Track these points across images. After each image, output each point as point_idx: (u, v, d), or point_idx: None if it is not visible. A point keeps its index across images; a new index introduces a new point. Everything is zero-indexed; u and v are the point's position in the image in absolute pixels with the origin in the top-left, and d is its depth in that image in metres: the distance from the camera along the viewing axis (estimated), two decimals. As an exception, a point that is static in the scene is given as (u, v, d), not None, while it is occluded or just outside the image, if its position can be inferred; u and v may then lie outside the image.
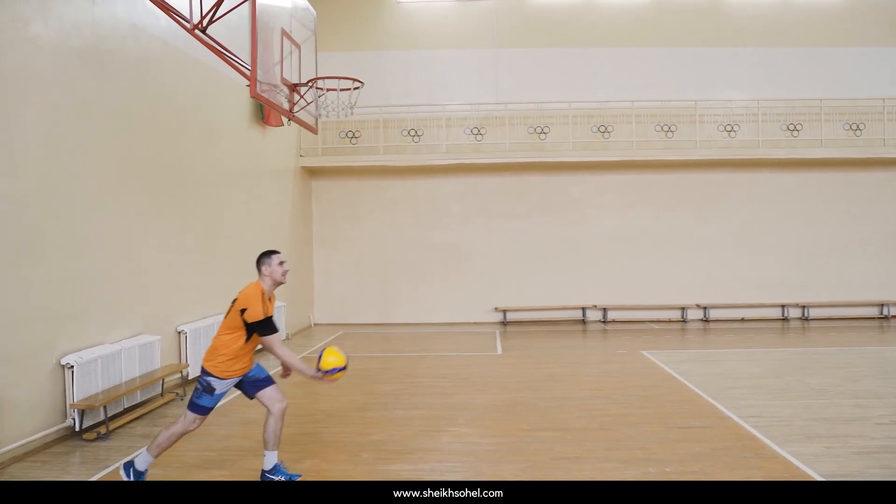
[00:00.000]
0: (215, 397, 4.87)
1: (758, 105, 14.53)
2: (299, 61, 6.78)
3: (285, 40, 6.53)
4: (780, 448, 5.77)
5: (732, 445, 5.90)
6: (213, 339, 4.92)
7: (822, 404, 7.31)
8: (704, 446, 5.89)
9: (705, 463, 5.44)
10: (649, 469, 5.32)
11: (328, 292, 15.35)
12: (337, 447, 6.12)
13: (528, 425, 6.74)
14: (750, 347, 11.46)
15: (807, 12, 15.28)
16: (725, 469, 5.29)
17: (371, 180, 15.24)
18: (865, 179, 14.96)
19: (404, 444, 6.16)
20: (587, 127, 14.78)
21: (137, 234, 7.98)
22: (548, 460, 5.62)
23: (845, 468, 5.24)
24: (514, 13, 15.27)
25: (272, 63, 6.04)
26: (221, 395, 4.92)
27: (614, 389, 8.28)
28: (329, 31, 15.33)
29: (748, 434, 6.23)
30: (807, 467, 5.27)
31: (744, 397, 7.69)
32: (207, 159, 10.00)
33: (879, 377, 8.70)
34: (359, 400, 8.06)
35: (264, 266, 4.90)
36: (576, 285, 15.08)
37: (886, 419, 6.68)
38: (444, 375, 9.50)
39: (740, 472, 5.22)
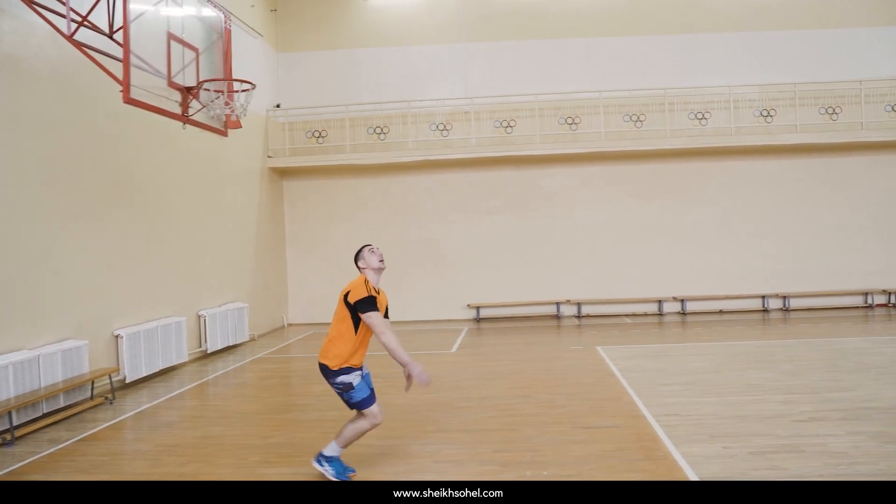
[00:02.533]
0: (360, 386, 4.85)
1: (729, 91, 14.12)
2: (197, 65, 6.74)
3: (178, 45, 6.51)
4: (675, 449, 5.59)
5: (628, 447, 5.72)
6: (327, 335, 4.96)
7: (748, 401, 7.07)
8: (598, 448, 5.72)
9: (590, 466, 5.29)
10: (526, 472, 5.18)
11: (302, 292, 15.39)
12: (229, 450, 6.10)
13: (433, 426, 6.65)
14: (710, 341, 11.16)
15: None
16: (606, 472, 5.13)
17: (342, 179, 15.22)
18: (845, 164, 14.46)
19: (295, 448, 6.11)
20: (555, 119, 14.53)
21: (66, 239, 8.05)
22: (431, 463, 5.53)
23: (730, 469, 5.06)
24: (482, 6, 15.07)
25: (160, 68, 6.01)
26: (363, 380, 4.89)
27: (543, 388, 8.12)
28: (298, 32, 15.36)
29: (651, 434, 6.04)
30: (690, 469, 5.09)
31: (672, 395, 7.48)
32: (152, 164, 10.05)
33: (825, 370, 8.39)
34: (283, 402, 8.05)
35: (360, 262, 5.04)
36: (551, 280, 14.87)
37: (805, 416, 6.44)
38: (383, 376, 9.36)
39: (621, 475, 5.06)
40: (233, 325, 12.07)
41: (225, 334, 11.79)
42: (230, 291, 12.51)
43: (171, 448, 6.27)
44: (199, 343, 11.22)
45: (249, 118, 13.89)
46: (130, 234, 9.42)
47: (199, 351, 11.19)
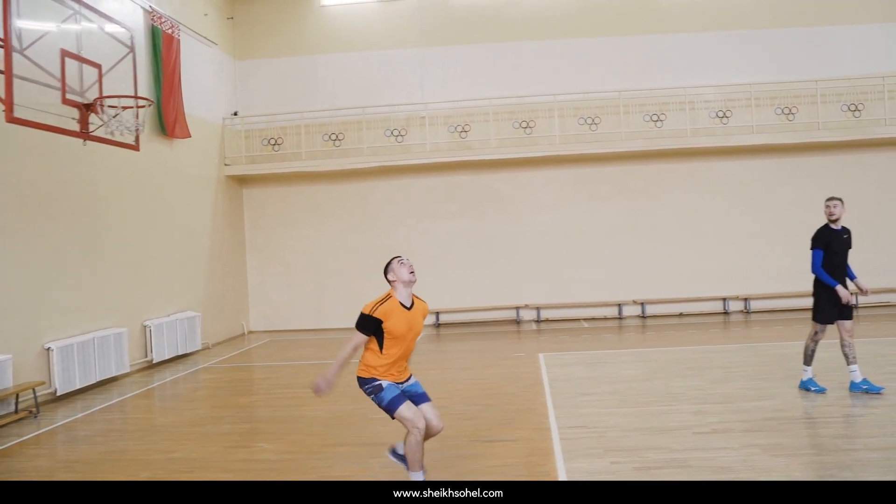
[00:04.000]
0: (390, 387, 4.69)
1: (685, 93, 14.02)
2: (100, 80, 6.74)
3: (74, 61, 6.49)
4: (563, 464, 5.52)
5: (515, 463, 5.66)
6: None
7: (660, 412, 7.00)
8: (484, 464, 5.66)
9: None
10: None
11: (262, 299, 15.39)
12: (124, 466, 6.07)
13: (333, 440, 6.62)
14: (652, 347, 11.09)
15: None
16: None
17: (300, 186, 15.21)
18: (802, 164, 14.34)
19: (191, 464, 6.08)
20: (510, 123, 14.47)
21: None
22: (314, 477, 5.50)
23: (604, 487, 5.00)
24: (437, 11, 15.02)
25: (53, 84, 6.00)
26: (391, 385, 4.73)
27: (464, 399, 8.07)
28: (256, 39, 15.36)
29: (546, 449, 5.98)
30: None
31: (589, 405, 7.41)
32: (89, 177, 10.03)
33: (752, 378, 8.29)
34: (202, 414, 8.03)
35: (389, 275, 4.86)
36: (511, 284, 14.81)
37: (709, 428, 6.36)
38: (289, 386, 9.42)
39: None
40: (183, 335, 12.08)
41: (173, 344, 11.79)
42: (180, 300, 12.51)
43: (68, 464, 6.26)
44: (145, 353, 11.23)
45: (205, 127, 13.94)
46: (64, 247, 9.42)
47: (145, 361, 11.19)
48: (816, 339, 7.46)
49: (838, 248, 7.32)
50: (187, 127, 12.44)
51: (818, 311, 7.41)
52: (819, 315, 7.41)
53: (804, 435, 6.10)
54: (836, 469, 5.10)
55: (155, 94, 11.75)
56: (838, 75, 14.06)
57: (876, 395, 7.20)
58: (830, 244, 7.29)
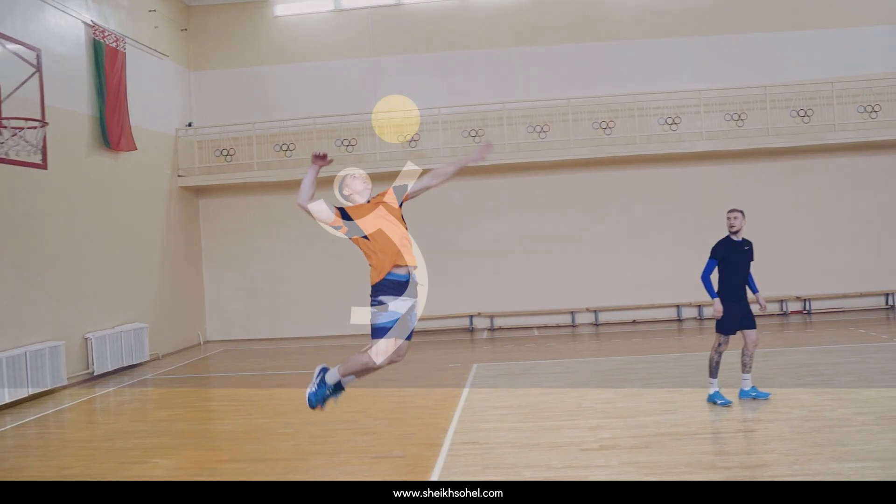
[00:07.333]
0: (392, 314, 4.75)
1: (634, 99, 14.01)
2: (-2, 102, 6.81)
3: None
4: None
5: (391, 480, 5.69)
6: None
7: (560, 426, 6.97)
8: (362, 480, 5.71)
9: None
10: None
11: (219, 309, 15.45)
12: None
13: (229, 456, 6.66)
14: (585, 357, 11.11)
15: (688, 2, 14.68)
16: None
17: (255, 196, 15.28)
18: (753, 170, 14.33)
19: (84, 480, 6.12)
20: (460, 132, 14.50)
21: None
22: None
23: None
24: (389, 20, 15.07)
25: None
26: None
27: (375, 412, 8.07)
28: (210, 50, 15.44)
29: (426, 466, 5.97)
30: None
31: (493, 420, 7.41)
32: (24, 194, 10.11)
33: (669, 390, 8.25)
34: (116, 428, 8.09)
35: (344, 190, 5.12)
36: (463, 293, 14.80)
37: (598, 444, 6.33)
38: (236, 399, 9.47)
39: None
40: (128, 346, 12.15)
41: (118, 356, 11.85)
42: (127, 312, 12.57)
43: (-40, 484, 6.31)
44: (87, 365, 11.30)
45: (157, 138, 14.03)
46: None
47: (86, 373, 11.26)
48: (720, 350, 7.45)
49: (737, 260, 7.33)
50: (133, 140, 12.51)
51: (720, 321, 7.42)
52: (721, 326, 7.42)
53: (687, 452, 6.06)
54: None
55: (98, 108, 11.85)
56: (787, 81, 14.05)
57: (764, 401, 7.23)
58: (729, 256, 7.30)
